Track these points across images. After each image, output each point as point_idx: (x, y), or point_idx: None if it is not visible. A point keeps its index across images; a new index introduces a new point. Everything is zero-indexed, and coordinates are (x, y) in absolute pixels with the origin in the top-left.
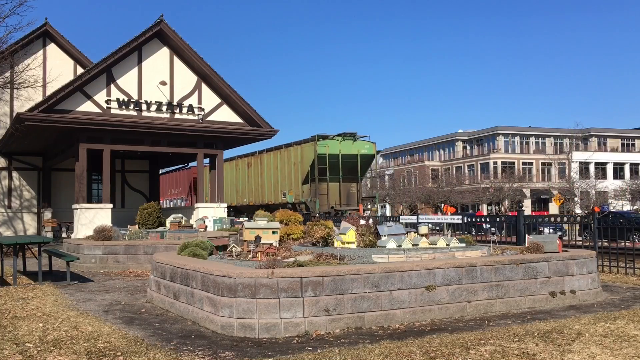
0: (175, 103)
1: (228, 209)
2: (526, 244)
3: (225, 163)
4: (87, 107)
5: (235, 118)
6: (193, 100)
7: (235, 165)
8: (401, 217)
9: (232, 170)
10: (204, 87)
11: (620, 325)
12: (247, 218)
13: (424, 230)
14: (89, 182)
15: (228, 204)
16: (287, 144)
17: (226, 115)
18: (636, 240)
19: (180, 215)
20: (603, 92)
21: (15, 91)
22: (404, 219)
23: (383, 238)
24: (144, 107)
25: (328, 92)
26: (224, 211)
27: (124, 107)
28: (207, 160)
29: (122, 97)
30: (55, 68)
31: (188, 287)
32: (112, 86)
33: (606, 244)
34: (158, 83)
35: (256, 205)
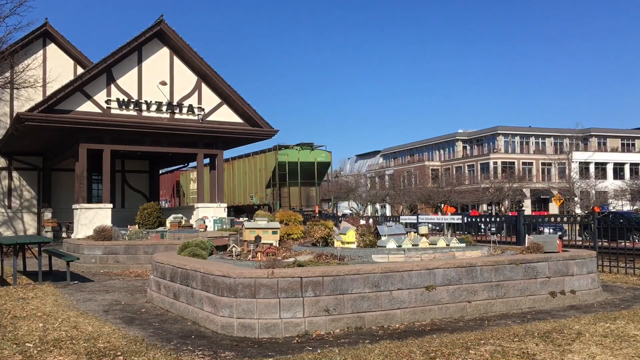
0: (175, 103)
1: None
2: (526, 244)
3: (204, 168)
4: (87, 107)
5: (235, 118)
6: (193, 100)
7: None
8: (401, 217)
9: (210, 175)
10: (204, 87)
11: (620, 325)
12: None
13: (424, 230)
14: (89, 182)
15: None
16: (255, 152)
17: (226, 115)
18: (636, 240)
19: (180, 215)
20: (603, 92)
21: (15, 91)
22: (404, 219)
23: (383, 238)
24: (144, 107)
25: (328, 92)
26: (224, 211)
27: (124, 107)
28: (207, 160)
29: (122, 97)
30: (55, 68)
31: (188, 287)
32: (112, 86)
33: (606, 244)
34: (158, 83)
35: (228, 206)
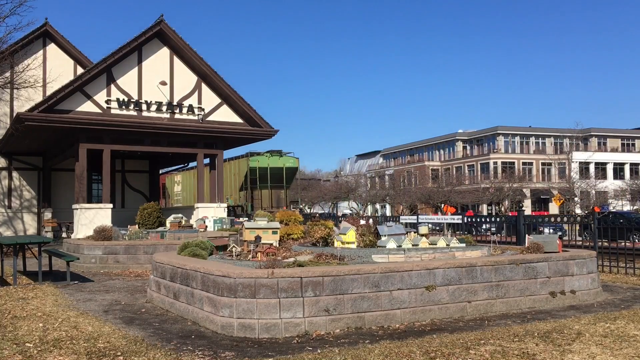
0: (175, 103)
1: (189, 209)
2: (526, 244)
3: (187, 172)
4: (87, 107)
5: (235, 118)
6: (193, 100)
7: (193, 174)
8: (401, 217)
9: (192, 178)
10: (204, 87)
11: (620, 325)
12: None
13: (424, 230)
14: (89, 182)
15: (188, 205)
16: (230, 159)
17: (226, 115)
18: (636, 240)
19: (180, 215)
20: (603, 92)
21: (15, 91)
22: (404, 219)
23: (383, 238)
24: (144, 107)
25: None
26: (224, 211)
27: (124, 107)
28: (207, 160)
29: (122, 97)
30: (55, 68)
31: (188, 287)
32: (112, 86)
33: (606, 244)
34: (158, 83)
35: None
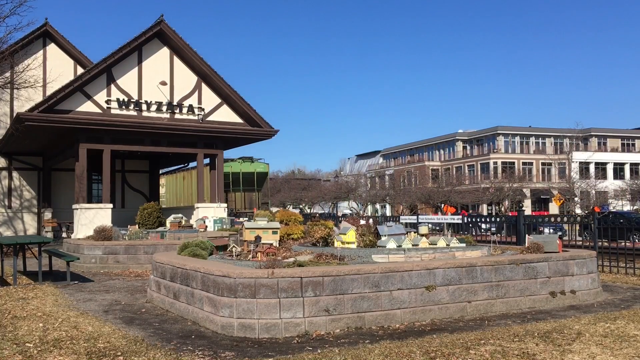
0: (175, 103)
1: (171, 210)
2: (526, 244)
3: (169, 175)
4: (87, 107)
5: (235, 118)
6: (193, 100)
7: (175, 178)
8: (401, 217)
9: (174, 181)
10: (204, 87)
11: (620, 325)
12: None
13: (424, 230)
14: (89, 182)
15: (170, 206)
16: (206, 164)
17: (226, 115)
18: (636, 240)
19: (180, 215)
20: (603, 92)
21: (15, 91)
22: (404, 219)
23: (383, 238)
24: (144, 107)
25: (328, 92)
26: (224, 211)
27: (124, 107)
28: (207, 160)
29: (122, 97)
30: (55, 68)
31: (188, 287)
32: (112, 86)
33: (606, 244)
34: (158, 83)
35: (189, 206)
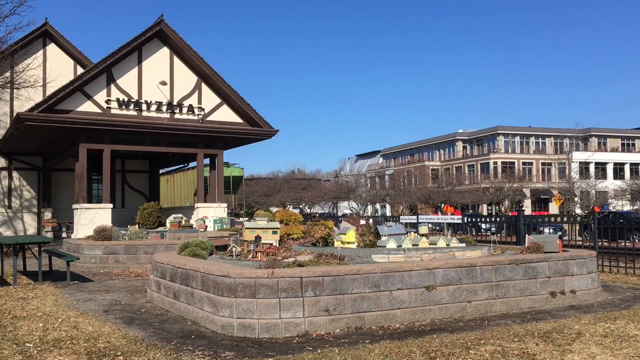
0: (175, 103)
1: (190, 209)
2: (526, 244)
3: (162, 177)
4: (87, 107)
5: (235, 118)
6: (193, 100)
7: (166, 180)
8: (401, 217)
9: (165, 183)
10: (204, 87)
11: (620, 325)
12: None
13: (424, 230)
14: (89, 182)
15: (164, 206)
16: (189, 168)
17: (226, 115)
18: (636, 240)
19: (180, 215)
20: (603, 92)
21: (15, 91)
22: (404, 219)
23: (383, 238)
24: (144, 107)
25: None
26: (224, 211)
27: (124, 107)
28: (207, 160)
29: (122, 97)
30: (55, 68)
31: (188, 287)
32: (112, 86)
33: (606, 244)
34: (158, 83)
35: (170, 207)
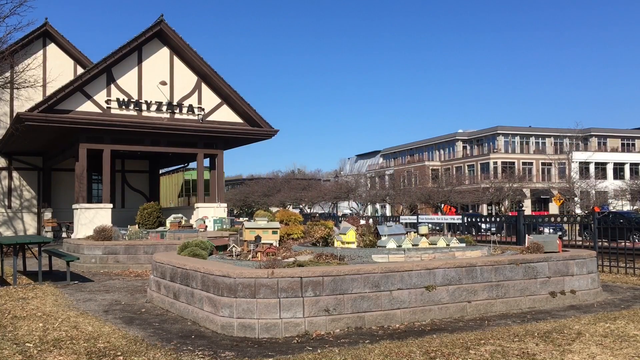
0: (175, 103)
1: (190, 209)
2: (526, 244)
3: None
4: (87, 107)
5: (235, 118)
6: (193, 100)
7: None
8: (401, 217)
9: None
10: (204, 87)
11: (620, 325)
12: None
13: (424, 230)
14: (89, 182)
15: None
16: (172, 172)
17: (226, 115)
18: (636, 240)
19: (180, 215)
20: (603, 92)
21: (15, 91)
22: (404, 219)
23: (383, 238)
24: (144, 107)
25: (328, 92)
26: (224, 211)
27: (124, 107)
28: (207, 160)
29: (122, 97)
30: (55, 68)
31: (188, 287)
32: (112, 86)
33: (606, 244)
34: (158, 83)
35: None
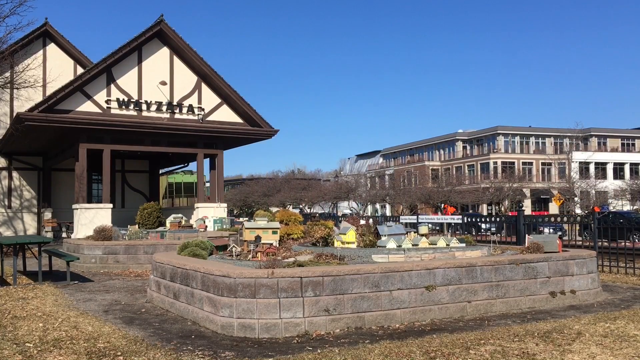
0: (175, 103)
1: (190, 209)
2: (526, 244)
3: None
4: (87, 107)
5: (235, 118)
6: (193, 100)
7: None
8: (401, 217)
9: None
10: (204, 87)
11: (620, 325)
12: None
13: (424, 230)
14: (89, 182)
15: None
16: (160, 174)
17: (226, 115)
18: (636, 240)
19: (180, 215)
20: (603, 92)
21: (15, 91)
22: (404, 219)
23: (383, 238)
24: (144, 107)
25: (328, 92)
26: (224, 211)
27: (124, 107)
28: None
29: (122, 97)
30: (55, 68)
31: (188, 287)
32: (112, 86)
33: (606, 244)
34: (158, 83)
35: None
